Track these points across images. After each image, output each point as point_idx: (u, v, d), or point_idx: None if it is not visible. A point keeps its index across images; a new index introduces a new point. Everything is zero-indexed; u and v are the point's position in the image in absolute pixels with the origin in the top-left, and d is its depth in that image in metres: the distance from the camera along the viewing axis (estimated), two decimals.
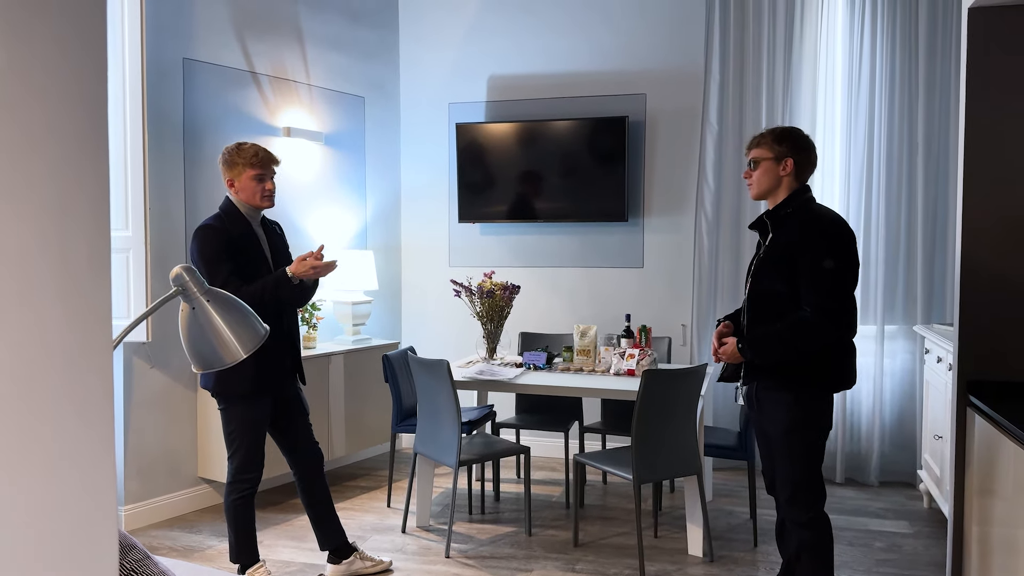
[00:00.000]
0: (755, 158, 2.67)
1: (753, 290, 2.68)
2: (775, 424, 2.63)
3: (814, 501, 2.63)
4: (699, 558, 3.51)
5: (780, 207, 2.64)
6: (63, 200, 0.82)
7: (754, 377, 2.68)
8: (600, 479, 4.63)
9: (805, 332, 2.51)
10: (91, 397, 0.85)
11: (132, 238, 3.65)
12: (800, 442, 2.60)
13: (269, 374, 3.03)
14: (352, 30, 5.06)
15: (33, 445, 0.79)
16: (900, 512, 4.14)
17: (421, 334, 5.40)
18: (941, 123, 4.42)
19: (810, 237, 2.54)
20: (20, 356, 0.78)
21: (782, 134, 2.66)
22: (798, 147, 2.64)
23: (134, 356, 3.84)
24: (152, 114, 3.75)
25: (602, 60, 5.02)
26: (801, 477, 2.61)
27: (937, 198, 4.45)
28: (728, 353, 2.68)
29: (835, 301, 2.50)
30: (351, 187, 5.08)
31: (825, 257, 2.50)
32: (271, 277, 2.97)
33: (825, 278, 2.49)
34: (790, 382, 2.58)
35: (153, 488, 3.95)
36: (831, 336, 2.52)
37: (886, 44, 4.46)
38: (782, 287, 2.57)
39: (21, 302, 0.78)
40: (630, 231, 5.00)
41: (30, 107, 0.78)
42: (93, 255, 0.85)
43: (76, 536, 0.84)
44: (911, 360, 4.55)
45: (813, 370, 2.57)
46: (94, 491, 0.85)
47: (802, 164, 2.64)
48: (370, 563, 3.33)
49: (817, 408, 2.60)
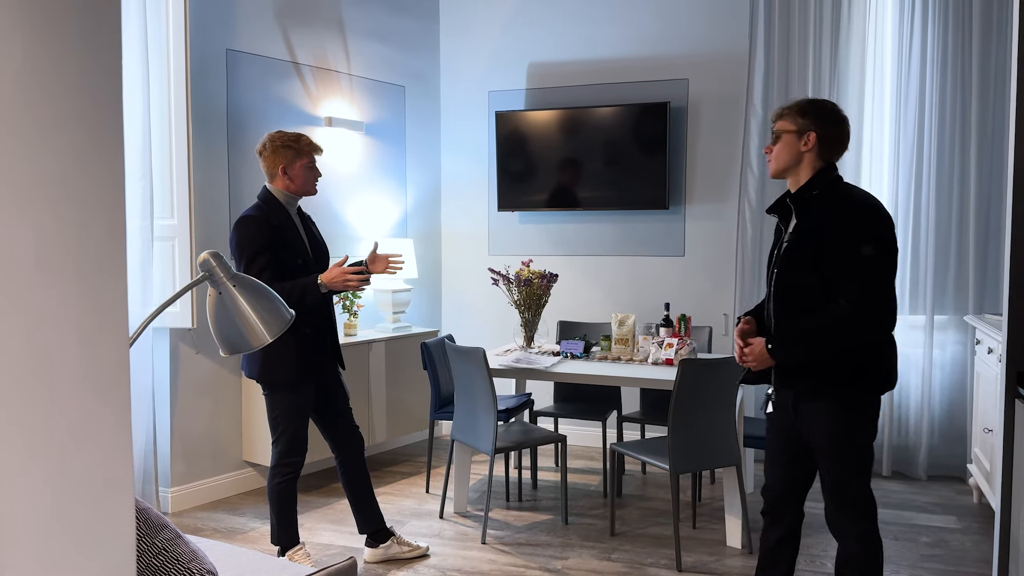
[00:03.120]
0: (777, 131, 2.40)
1: (779, 283, 2.40)
2: (819, 434, 2.35)
3: (865, 512, 2.37)
4: (737, 550, 3.47)
5: (804, 188, 2.36)
6: (79, 188, 0.84)
7: (788, 382, 2.41)
8: (640, 469, 4.61)
9: (843, 328, 2.26)
10: (108, 376, 0.87)
11: (177, 226, 3.74)
12: (848, 452, 2.34)
13: (311, 359, 3.08)
14: (393, 20, 5.08)
15: (51, 422, 0.82)
16: (948, 507, 4.03)
17: (461, 322, 5.42)
18: (996, 106, 4.26)
19: (843, 221, 2.28)
20: (38, 337, 0.80)
21: (807, 106, 2.38)
22: (823, 120, 2.35)
23: (180, 342, 3.94)
24: (196, 105, 3.82)
25: (643, 45, 4.96)
26: (849, 488, 2.36)
27: (992, 184, 4.30)
28: (755, 355, 2.39)
29: (876, 291, 2.24)
30: (392, 176, 5.12)
31: (862, 243, 2.24)
32: (300, 282, 3.00)
33: (863, 266, 2.23)
34: (833, 387, 2.32)
35: (198, 471, 4.05)
36: (873, 331, 2.27)
37: (938, 23, 4.31)
38: (812, 278, 2.31)
39: (39, 285, 0.80)
40: (671, 219, 4.95)
41: (48, 101, 0.80)
42: (109, 240, 0.87)
43: (93, 511, 0.86)
44: (962, 351, 4.42)
45: (859, 371, 2.31)
46: (111, 466, 0.88)
47: (827, 140, 2.35)
48: (407, 548, 3.37)
49: (866, 412, 2.34)
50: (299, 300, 2.97)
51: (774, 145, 2.41)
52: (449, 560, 3.39)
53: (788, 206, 2.41)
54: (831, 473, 2.38)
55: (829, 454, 2.36)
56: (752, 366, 2.42)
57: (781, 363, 2.38)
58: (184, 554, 1.46)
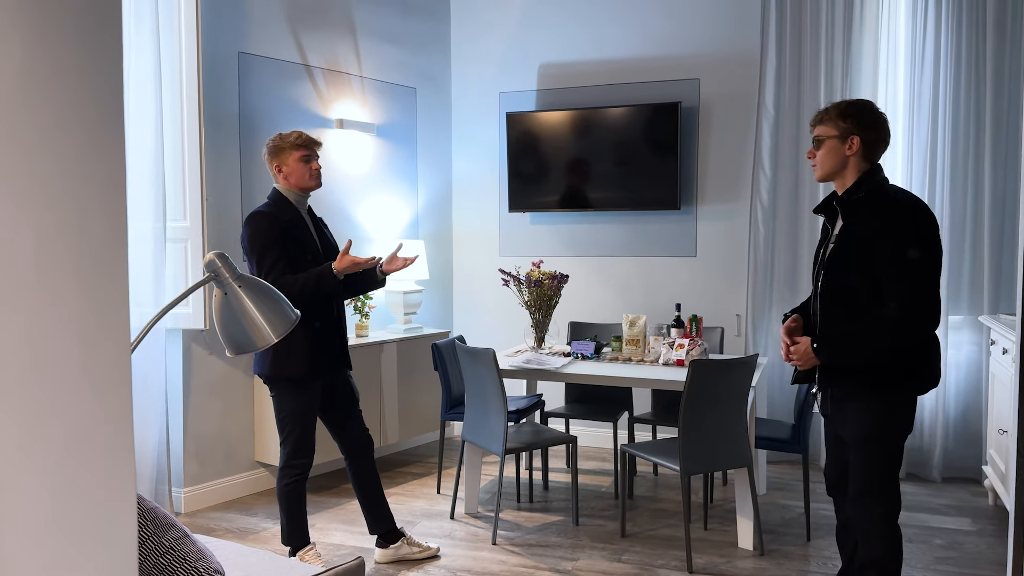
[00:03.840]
0: (819, 136, 2.43)
1: (826, 284, 2.44)
2: (856, 429, 2.40)
3: (889, 511, 2.41)
4: (749, 551, 3.45)
5: (851, 191, 2.40)
6: (80, 189, 0.84)
7: (833, 380, 2.44)
8: (651, 470, 4.59)
9: (891, 330, 2.29)
10: (108, 378, 0.88)
11: (190, 228, 3.76)
12: (882, 450, 2.38)
13: (319, 360, 3.09)
14: (404, 22, 5.10)
15: (50, 424, 0.82)
16: (963, 509, 3.99)
17: (472, 323, 5.43)
18: (1011, 104, 4.21)
19: (892, 224, 2.30)
20: (38, 336, 0.81)
21: (847, 109, 2.41)
22: (865, 123, 2.38)
23: (192, 343, 3.96)
24: (208, 107, 3.85)
25: (654, 45, 4.94)
26: (879, 487, 2.40)
27: (1006, 183, 4.26)
28: (801, 354, 2.41)
29: (923, 294, 2.26)
30: (403, 177, 5.13)
31: (910, 246, 2.26)
32: (315, 271, 3.02)
33: (911, 269, 2.26)
34: (877, 385, 2.35)
35: (211, 471, 4.08)
36: (921, 333, 2.30)
37: (952, 21, 4.27)
38: (859, 281, 2.34)
39: (39, 285, 0.81)
40: (683, 219, 4.93)
41: (48, 101, 0.81)
42: (109, 241, 0.88)
43: (94, 512, 0.87)
44: (977, 352, 4.38)
45: (901, 371, 2.34)
46: (111, 468, 0.88)
47: (871, 142, 2.39)
48: (417, 549, 3.38)
49: (905, 413, 2.39)
50: (315, 288, 2.99)
51: (817, 150, 2.45)
52: (460, 561, 3.39)
53: (835, 207, 2.45)
54: (861, 468, 2.41)
55: (863, 451, 2.40)
56: (798, 364, 2.45)
57: (827, 363, 2.41)
58: (191, 553, 1.47)
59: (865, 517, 2.42)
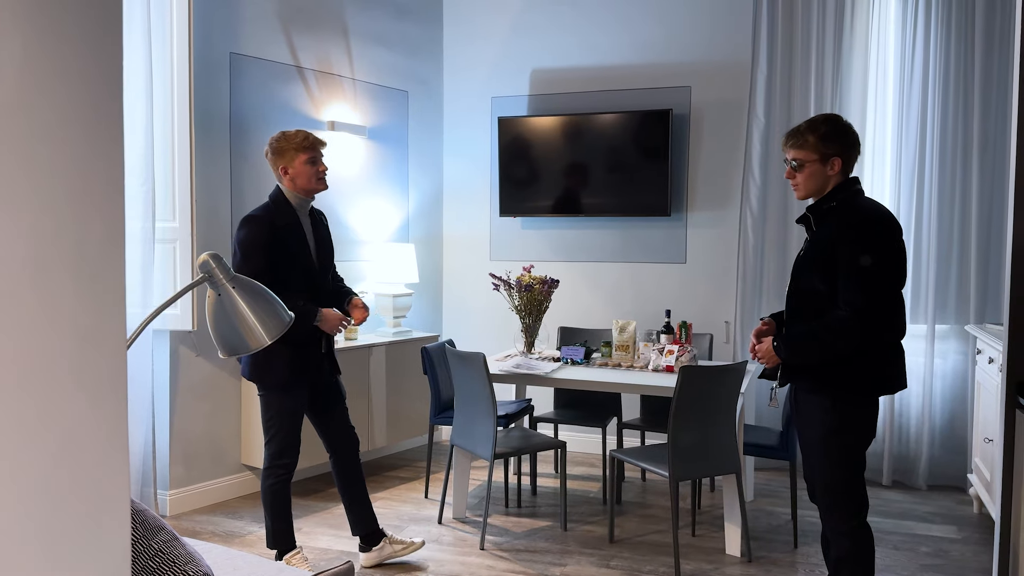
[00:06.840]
0: (799, 160, 2.51)
1: (792, 288, 2.59)
2: (812, 428, 2.53)
3: (856, 510, 2.51)
4: (737, 558, 3.46)
5: (823, 201, 2.53)
6: (78, 189, 0.84)
7: (791, 378, 2.59)
8: (639, 476, 4.59)
9: (838, 331, 2.41)
10: (104, 380, 0.87)
11: (179, 229, 3.74)
12: (837, 448, 2.48)
13: (305, 361, 3.08)
14: (397, 25, 5.09)
15: (45, 424, 0.82)
16: (948, 517, 4.02)
17: (461, 327, 5.42)
18: (999, 117, 4.26)
19: (847, 232, 2.42)
20: (33, 337, 0.80)
21: (828, 133, 2.48)
22: (847, 144, 2.50)
23: (180, 345, 3.94)
24: (199, 108, 3.83)
25: (646, 52, 4.97)
26: (839, 485, 2.51)
27: (993, 194, 4.30)
28: (764, 352, 2.60)
29: (873, 299, 2.38)
30: (394, 180, 5.12)
31: (862, 253, 2.38)
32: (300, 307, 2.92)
33: (863, 275, 2.38)
34: (827, 385, 2.48)
35: (197, 474, 4.05)
36: (871, 338, 2.41)
37: (941, 34, 4.31)
38: (821, 285, 2.46)
39: (35, 285, 0.80)
40: (673, 226, 4.95)
41: (47, 101, 0.80)
42: (107, 243, 0.87)
43: (87, 516, 0.86)
44: (963, 361, 4.41)
45: (852, 373, 2.45)
46: (106, 470, 0.87)
47: (850, 159, 2.52)
48: (400, 546, 3.36)
49: (856, 414, 2.47)
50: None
51: (797, 171, 2.53)
52: (447, 566, 3.38)
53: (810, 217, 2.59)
54: (822, 467, 2.54)
55: (821, 449, 2.52)
56: (762, 362, 2.64)
57: (785, 361, 2.56)
58: (181, 556, 1.46)
59: (832, 515, 2.55)
